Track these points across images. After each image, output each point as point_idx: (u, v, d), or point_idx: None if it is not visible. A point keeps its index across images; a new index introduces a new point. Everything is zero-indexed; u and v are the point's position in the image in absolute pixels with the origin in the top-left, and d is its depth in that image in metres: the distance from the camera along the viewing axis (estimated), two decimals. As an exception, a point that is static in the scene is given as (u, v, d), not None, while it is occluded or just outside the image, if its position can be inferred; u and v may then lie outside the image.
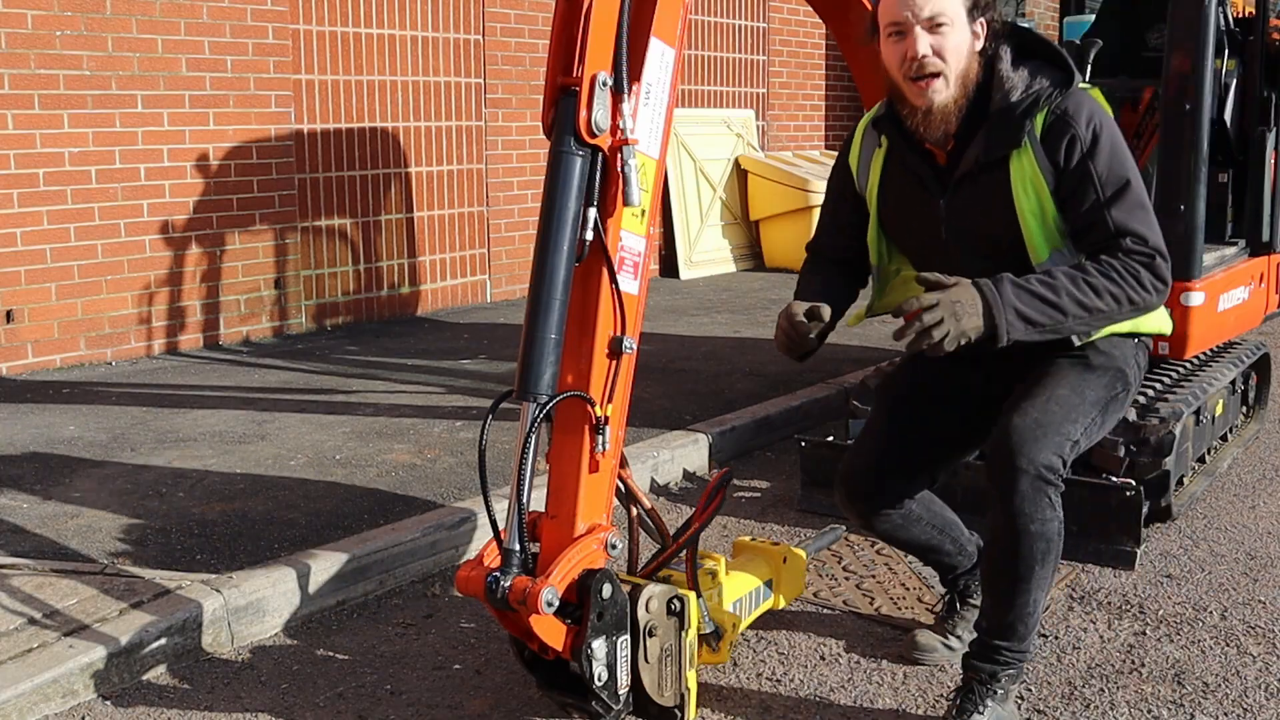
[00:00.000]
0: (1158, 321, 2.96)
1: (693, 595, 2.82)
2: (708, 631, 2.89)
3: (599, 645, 2.62)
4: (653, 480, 4.77)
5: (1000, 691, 2.79)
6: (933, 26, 2.66)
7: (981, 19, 2.72)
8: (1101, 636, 3.41)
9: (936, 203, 2.85)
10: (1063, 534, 2.75)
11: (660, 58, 2.80)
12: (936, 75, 2.68)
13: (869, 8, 3.71)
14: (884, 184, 2.97)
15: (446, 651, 3.36)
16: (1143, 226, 2.69)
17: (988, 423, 2.88)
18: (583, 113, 2.60)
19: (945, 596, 3.35)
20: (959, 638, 3.21)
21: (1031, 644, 2.82)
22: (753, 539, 3.46)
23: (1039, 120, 2.72)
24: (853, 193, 3.07)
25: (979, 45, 2.74)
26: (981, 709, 2.77)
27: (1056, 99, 2.72)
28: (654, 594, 2.73)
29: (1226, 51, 4.87)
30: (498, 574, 2.58)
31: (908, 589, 3.75)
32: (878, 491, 3.04)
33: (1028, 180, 2.73)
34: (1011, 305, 2.58)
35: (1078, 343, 2.81)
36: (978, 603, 3.21)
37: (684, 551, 2.92)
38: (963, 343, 2.56)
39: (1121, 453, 4.14)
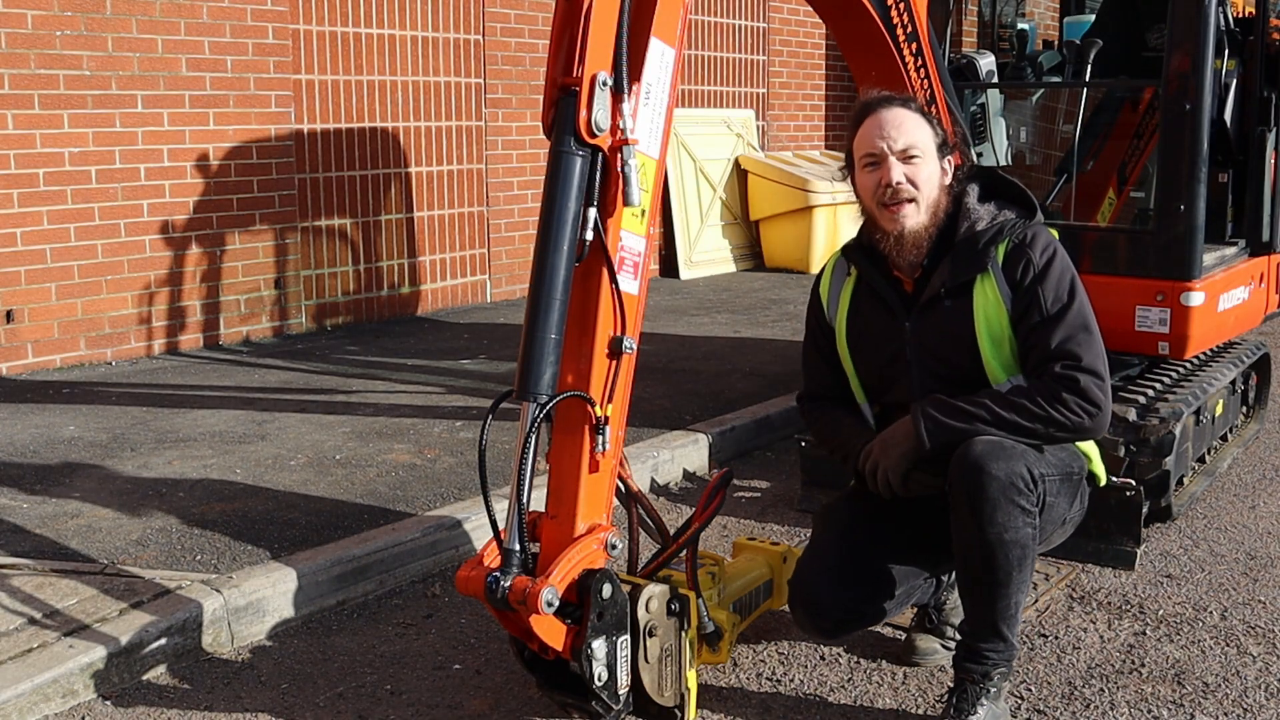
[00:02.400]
0: (1094, 464, 3.04)
1: (693, 595, 2.82)
2: (708, 631, 2.89)
3: (599, 645, 2.62)
4: (653, 480, 4.77)
5: (994, 690, 2.81)
6: (906, 157, 2.85)
7: (949, 156, 2.91)
8: (1101, 636, 3.41)
9: (902, 326, 2.96)
10: (1038, 537, 2.76)
11: (660, 58, 2.80)
12: (910, 200, 2.85)
13: (870, 9, 3.72)
14: (852, 311, 3.08)
15: (446, 651, 3.36)
16: (1078, 347, 2.76)
17: (943, 537, 2.89)
18: (583, 113, 2.60)
19: (917, 611, 3.33)
20: (953, 637, 3.21)
21: (1017, 640, 2.83)
22: (753, 539, 3.47)
23: (1001, 249, 2.86)
24: (827, 324, 3.15)
25: (947, 180, 2.92)
26: (978, 708, 2.78)
27: (1019, 229, 2.87)
28: (654, 594, 2.73)
29: (1226, 51, 4.87)
30: (498, 574, 2.58)
31: (908, 589, 3.74)
32: (836, 605, 2.94)
33: (990, 306, 2.85)
34: (930, 414, 2.78)
35: None
36: (950, 596, 3.23)
37: (684, 551, 2.92)
38: (906, 467, 2.83)
39: (1121, 453, 4.15)
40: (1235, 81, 5.04)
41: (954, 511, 2.75)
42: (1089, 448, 3.01)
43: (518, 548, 2.62)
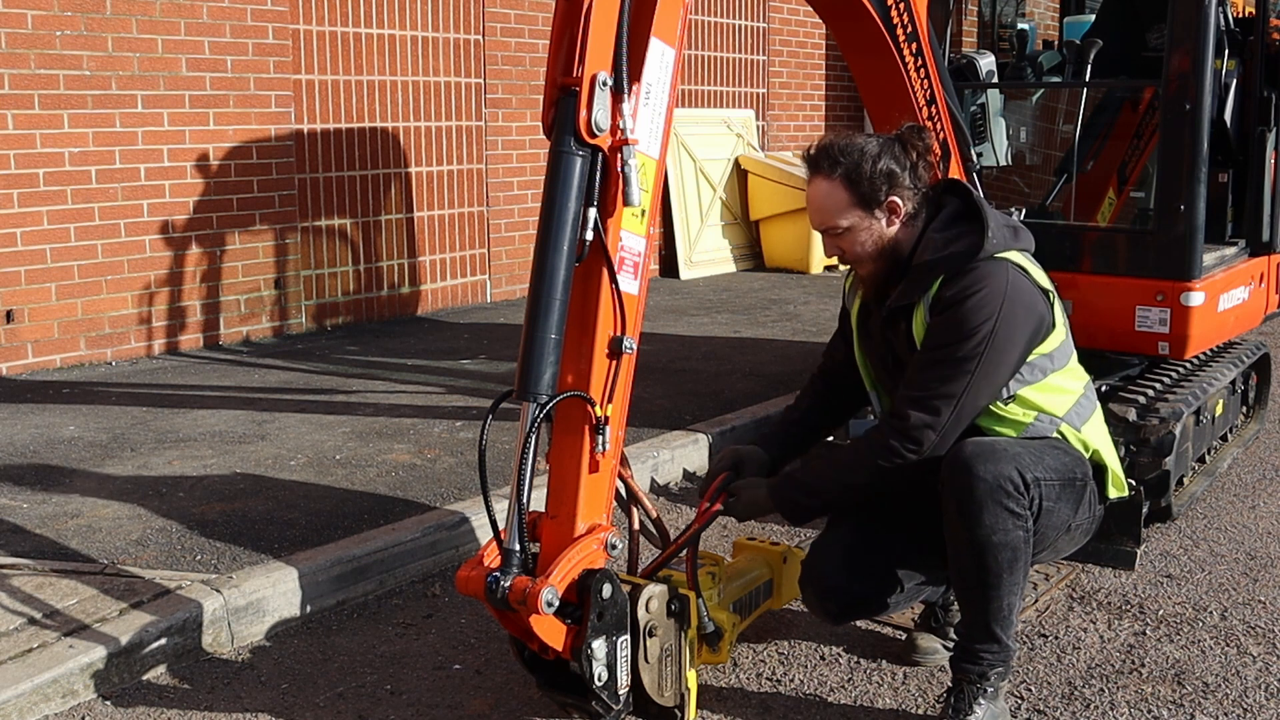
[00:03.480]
0: (1110, 479, 3.03)
1: (693, 595, 2.82)
2: (708, 631, 2.89)
3: (599, 645, 2.62)
4: (653, 480, 4.77)
5: (991, 690, 2.81)
6: (829, 235, 2.95)
7: (887, 200, 2.88)
8: (1101, 636, 3.41)
9: (886, 330, 3.03)
10: (1031, 540, 2.75)
11: (660, 58, 2.80)
12: (851, 263, 3.00)
13: (870, 9, 3.72)
14: (861, 312, 3.16)
15: (446, 651, 3.36)
16: (930, 379, 2.76)
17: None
18: (583, 113, 2.60)
19: (923, 610, 3.36)
20: (955, 638, 3.21)
21: (1013, 642, 2.84)
22: (753, 539, 3.47)
23: (936, 283, 2.86)
24: (846, 311, 3.28)
25: (895, 219, 2.91)
26: (975, 708, 2.79)
27: (955, 266, 2.84)
28: (654, 594, 2.73)
29: (1226, 51, 4.87)
30: (498, 574, 2.58)
31: (908, 589, 3.74)
32: (847, 590, 3.00)
33: (921, 332, 2.88)
34: (783, 497, 2.93)
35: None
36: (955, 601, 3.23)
37: (684, 551, 2.92)
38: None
39: (1122, 453, 4.14)
40: (1235, 81, 5.04)
41: (944, 513, 2.77)
42: (1099, 453, 2.99)
43: (518, 548, 2.62)
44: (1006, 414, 2.85)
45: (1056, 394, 2.91)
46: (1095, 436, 2.99)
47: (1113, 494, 3.04)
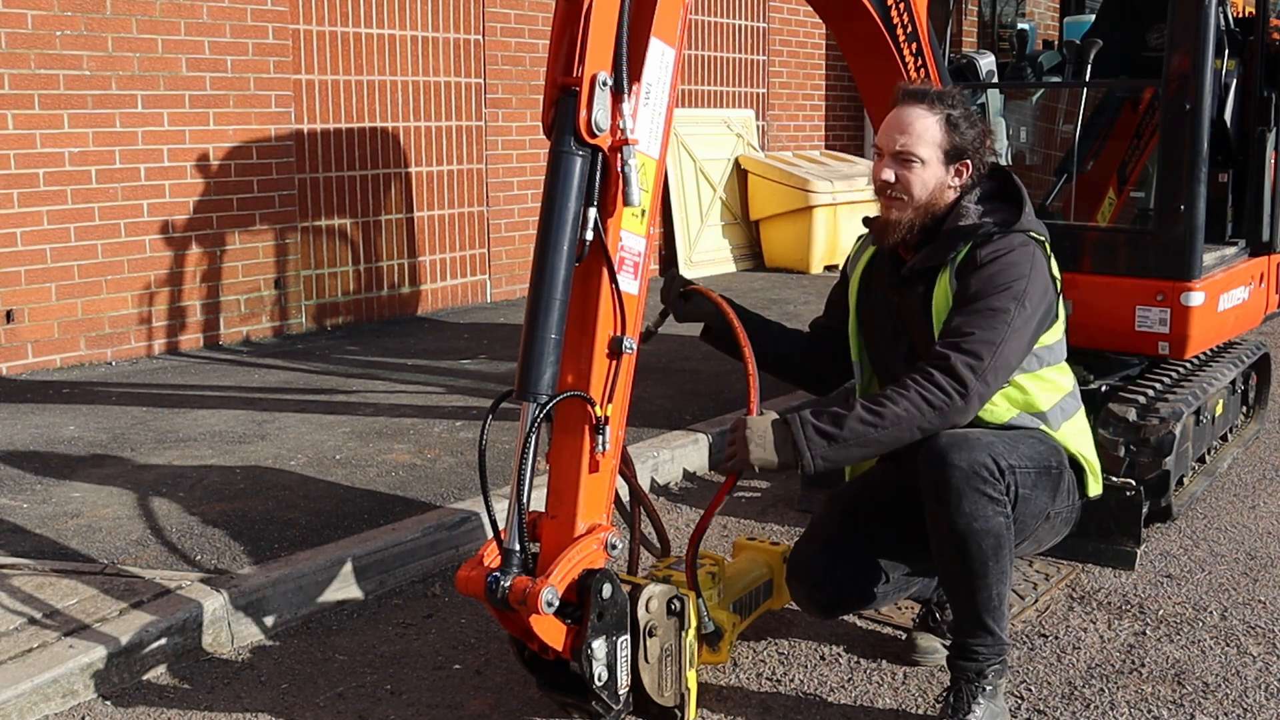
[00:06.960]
0: (1089, 475, 3.02)
1: (693, 595, 2.82)
2: (708, 631, 2.89)
3: (599, 645, 2.62)
4: (653, 480, 4.77)
5: (989, 687, 2.81)
6: (900, 160, 2.93)
7: (963, 161, 2.94)
8: (1101, 636, 3.42)
9: (893, 295, 3.04)
10: (1012, 527, 2.76)
11: (660, 58, 2.80)
12: (896, 198, 2.95)
13: (870, 9, 3.72)
14: (865, 274, 3.18)
15: (446, 651, 3.36)
16: (970, 328, 2.75)
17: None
18: (583, 113, 2.60)
19: (921, 610, 3.36)
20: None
21: (1007, 634, 2.84)
22: (753, 539, 3.47)
23: (965, 248, 2.89)
24: (846, 277, 3.28)
25: (957, 182, 2.95)
26: (974, 707, 2.79)
27: (988, 232, 2.89)
28: (654, 594, 2.73)
29: (1226, 51, 4.87)
30: (498, 574, 2.58)
31: (908, 589, 3.74)
32: (830, 578, 3.02)
33: (941, 299, 2.91)
34: (810, 424, 2.76)
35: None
36: None
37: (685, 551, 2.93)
38: (759, 469, 2.81)
39: (1121, 453, 4.15)
40: (1235, 81, 5.04)
41: (926, 507, 2.79)
42: (1078, 449, 3.00)
43: (518, 548, 2.62)
44: (994, 402, 2.86)
45: (1047, 387, 2.94)
46: (1074, 433, 3.00)
47: (1092, 491, 3.06)
